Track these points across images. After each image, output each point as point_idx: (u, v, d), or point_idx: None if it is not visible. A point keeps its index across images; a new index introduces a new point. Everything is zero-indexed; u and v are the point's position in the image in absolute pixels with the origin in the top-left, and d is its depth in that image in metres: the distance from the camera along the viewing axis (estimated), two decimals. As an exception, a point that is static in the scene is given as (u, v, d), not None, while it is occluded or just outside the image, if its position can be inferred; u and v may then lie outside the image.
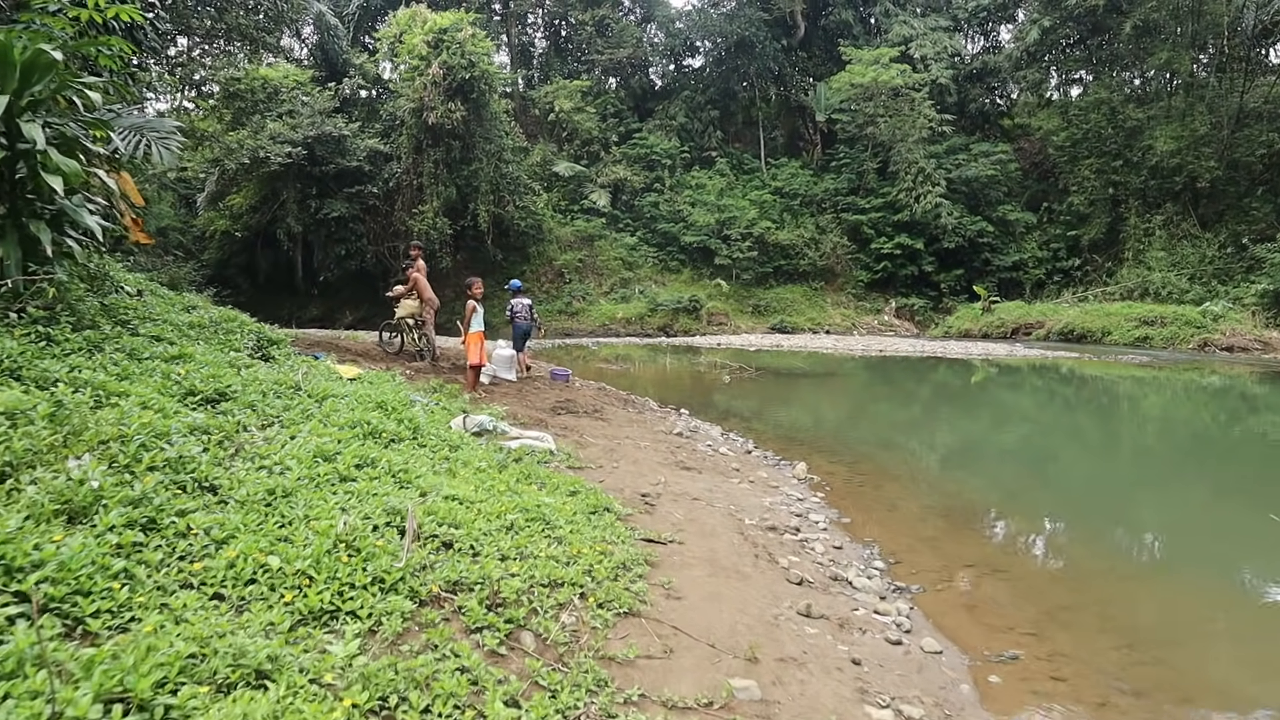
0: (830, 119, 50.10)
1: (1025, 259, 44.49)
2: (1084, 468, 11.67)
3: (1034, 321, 37.63)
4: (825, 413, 16.24)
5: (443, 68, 37.53)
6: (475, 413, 9.39)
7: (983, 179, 44.89)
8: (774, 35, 50.99)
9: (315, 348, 14.29)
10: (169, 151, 10.30)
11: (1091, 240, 43.04)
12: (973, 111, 51.05)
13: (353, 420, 6.46)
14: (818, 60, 54.25)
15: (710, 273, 45.29)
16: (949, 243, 43.65)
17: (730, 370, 22.72)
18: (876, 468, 10.58)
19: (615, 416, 11.78)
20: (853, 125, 48.13)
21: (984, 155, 45.85)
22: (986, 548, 7.58)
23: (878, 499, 8.93)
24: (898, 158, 45.00)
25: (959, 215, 43.66)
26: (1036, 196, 47.43)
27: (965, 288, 44.46)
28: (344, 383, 8.41)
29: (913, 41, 47.37)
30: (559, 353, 29.87)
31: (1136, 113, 42.66)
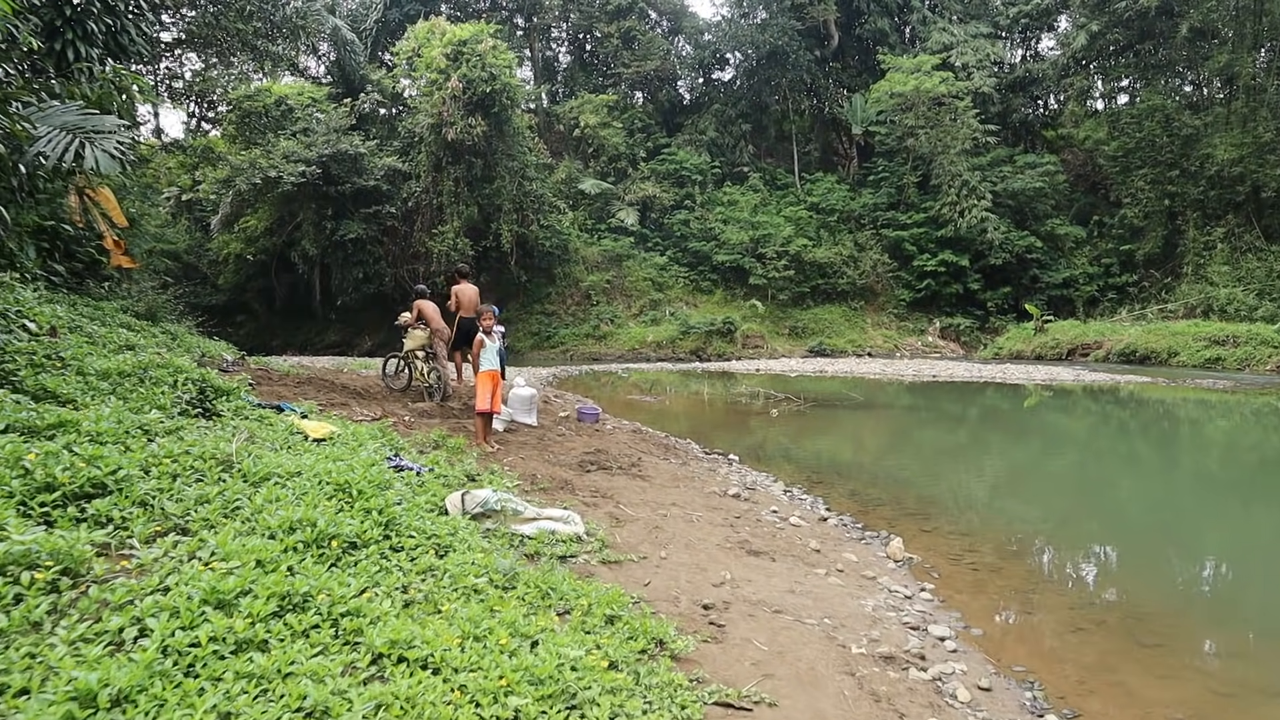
0: (867, 132, 48.13)
1: (1076, 275, 42.25)
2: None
3: (1091, 342, 35.27)
4: (896, 457, 14.02)
5: (462, 81, 35.88)
6: (480, 483, 7.39)
7: (1029, 192, 42.69)
8: (806, 46, 48.98)
9: (303, 387, 12.36)
10: (107, 154, 8.40)
11: (1147, 255, 40.75)
12: (1015, 122, 48.88)
13: (292, 520, 4.47)
14: (852, 72, 52.33)
15: (744, 293, 43.24)
16: (995, 259, 41.46)
17: (775, 401, 20.62)
18: (985, 538, 8.47)
19: (656, 471, 9.72)
20: (891, 138, 46.11)
21: (1030, 167, 43.63)
22: (1197, 689, 5.30)
23: (1005, 591, 6.82)
24: (939, 170, 42.85)
25: (1005, 230, 41.43)
26: (1085, 210, 45.17)
27: (1013, 306, 42.25)
28: (305, 449, 6.43)
29: (953, 49, 45.22)
30: (588, 380, 27.87)
31: (1193, 120, 40.47)
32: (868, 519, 8.94)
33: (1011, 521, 9.54)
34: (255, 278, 43.55)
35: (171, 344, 12.71)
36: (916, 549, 7.76)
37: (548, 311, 43.33)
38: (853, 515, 9.03)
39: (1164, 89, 43.30)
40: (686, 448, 12.68)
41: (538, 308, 43.40)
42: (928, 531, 8.55)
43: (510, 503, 6.22)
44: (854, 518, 8.90)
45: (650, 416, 18.07)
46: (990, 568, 7.41)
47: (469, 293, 14.27)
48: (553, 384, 24.95)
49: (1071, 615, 6.36)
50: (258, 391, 10.95)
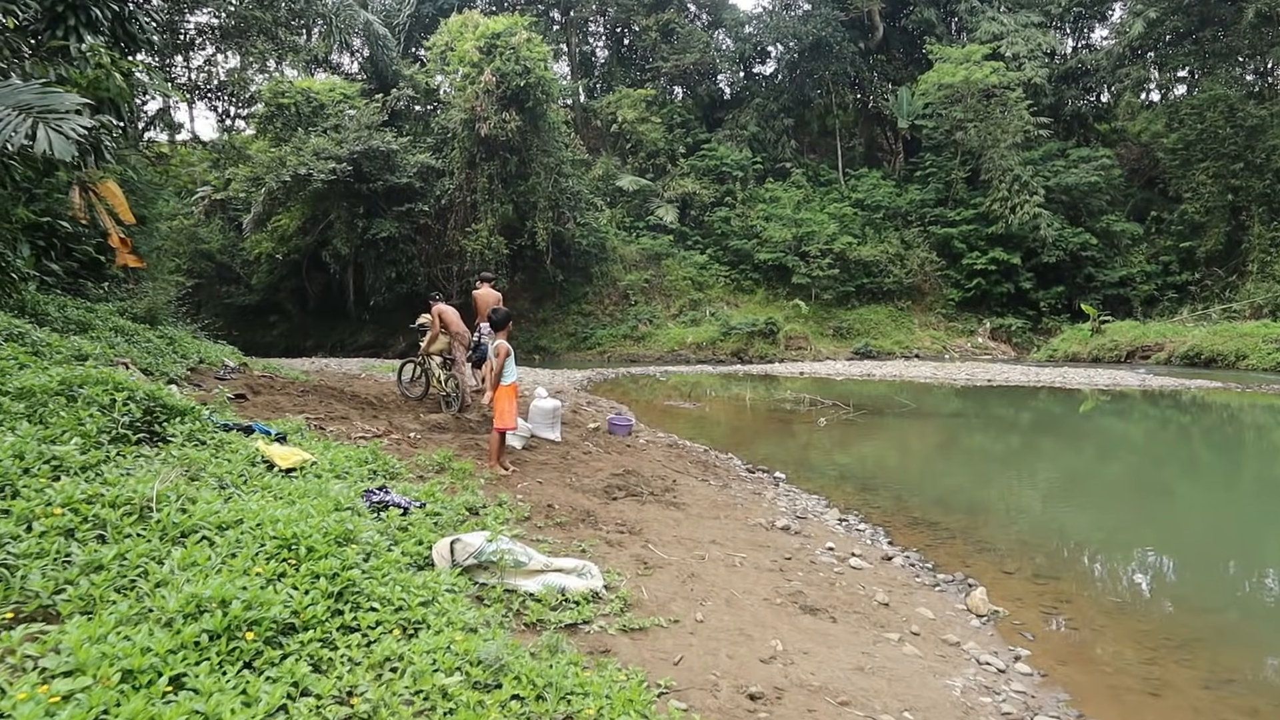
0: (913, 126, 46.52)
1: (1133, 274, 40.48)
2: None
3: (1152, 344, 33.51)
4: (960, 475, 12.62)
5: (495, 75, 34.85)
6: (483, 518, 6.24)
7: (1083, 187, 40.94)
8: (850, 38, 47.49)
9: (306, 396, 11.29)
10: (62, 137, 7.35)
11: (1208, 252, 38.92)
12: (1068, 114, 47.07)
13: (200, 599, 3.34)
14: (898, 64, 50.73)
15: (787, 292, 41.87)
16: (1048, 257, 39.81)
17: (821, 408, 19.32)
18: (1078, 581, 7.19)
19: (694, 497, 8.50)
20: (938, 131, 44.45)
21: (1084, 161, 41.86)
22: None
23: (1118, 661, 5.53)
24: (989, 165, 41.21)
25: (1059, 227, 39.74)
26: (1142, 205, 43.35)
27: (1066, 306, 40.59)
28: (263, 484, 5.30)
29: (1003, 39, 43.46)
30: (626, 383, 26.72)
31: (1258, 110, 38.49)
32: (938, 556, 7.67)
33: (1107, 560, 8.21)
34: (288, 278, 42.92)
35: (165, 349, 11.72)
36: (1001, 598, 6.49)
37: (584, 312, 42.27)
38: (920, 551, 7.76)
39: (1226, 78, 41.26)
40: (728, 464, 11.45)
41: (574, 308, 42.36)
42: (1009, 574, 7.25)
43: (511, 552, 5.04)
44: (921, 555, 7.63)
45: (688, 425, 16.88)
46: (1092, 625, 6.12)
47: (488, 298, 13.20)
48: (587, 388, 23.86)
49: (1213, 701, 5.07)
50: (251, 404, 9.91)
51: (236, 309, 43.51)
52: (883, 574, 6.70)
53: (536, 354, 39.34)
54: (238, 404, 9.64)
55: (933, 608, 6.01)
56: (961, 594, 6.51)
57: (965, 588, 6.69)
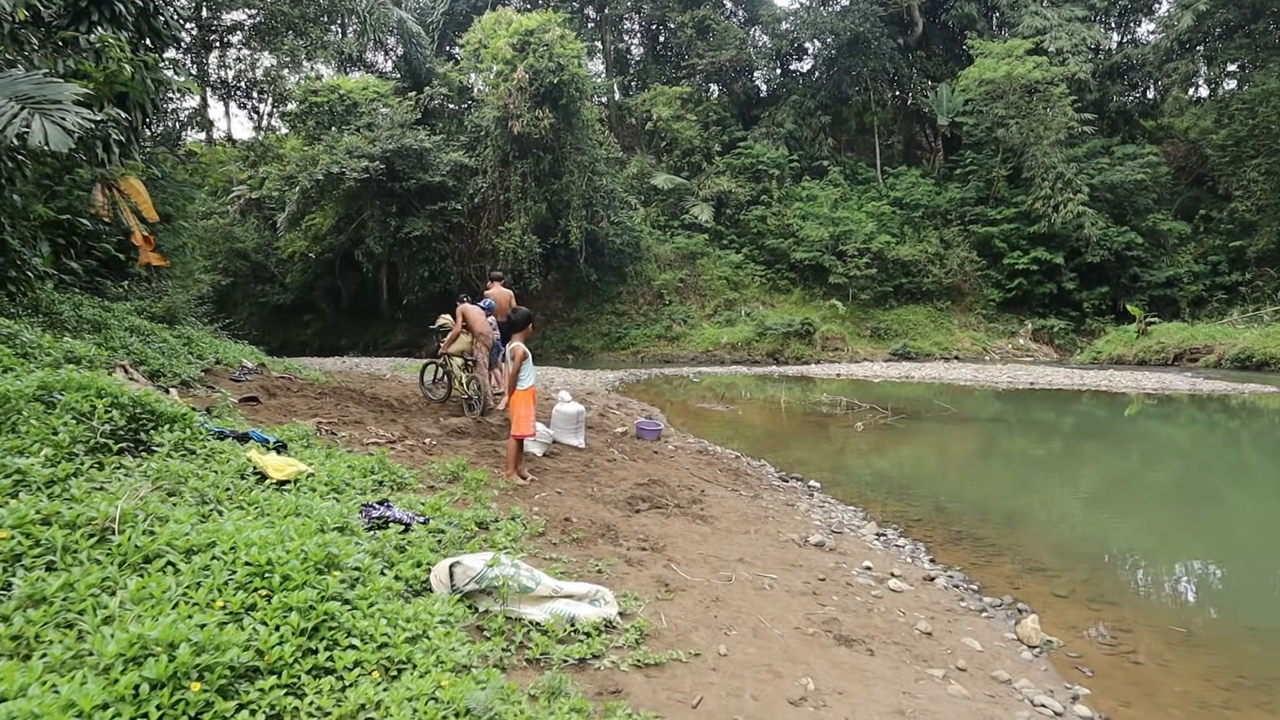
0: (953, 123, 45.59)
1: (1180, 274, 39.26)
2: None
3: (1200, 346, 32.46)
4: (1004, 485, 11.95)
5: (528, 72, 34.48)
6: (493, 534, 5.81)
7: (1129, 184, 39.80)
8: (889, 33, 46.63)
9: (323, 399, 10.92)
10: (59, 129, 7.01)
11: (1260, 251, 37.64)
12: (1112, 111, 45.89)
13: (146, 641, 2.93)
14: (937, 60, 49.72)
15: (824, 292, 41.11)
16: (1092, 257, 38.73)
17: (859, 411, 18.74)
18: (1138, 606, 6.62)
19: (722, 509, 8.01)
20: (979, 129, 43.48)
21: (1129, 158, 40.72)
22: None
23: (1188, 703, 4.98)
24: (1032, 162, 40.21)
25: (1103, 225, 38.71)
26: (1189, 204, 42.15)
27: (1111, 307, 39.52)
28: (249, 500, 4.89)
29: (1046, 34, 42.38)
30: (659, 384, 26.29)
31: (1314, 105, 37.27)
32: (983, 576, 7.12)
33: (1169, 581, 7.63)
34: (322, 277, 42.89)
35: (180, 350, 11.41)
36: (1054, 625, 5.96)
37: (618, 311, 41.84)
38: (964, 570, 7.22)
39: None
40: (760, 472, 10.93)
41: (608, 307, 41.94)
42: (1062, 597, 6.69)
43: (517, 575, 4.59)
44: (966, 574, 7.08)
45: (720, 429, 16.39)
46: (1158, 659, 5.57)
47: (501, 297, 12.85)
48: (618, 389, 23.44)
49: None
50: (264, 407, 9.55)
51: (271, 308, 43.57)
52: (924, 597, 6.17)
53: (570, 354, 39.03)
54: (249, 407, 9.29)
55: (980, 637, 5.49)
56: (1011, 621, 5.98)
57: (1015, 613, 6.15)
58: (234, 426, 6.87)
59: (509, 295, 13.25)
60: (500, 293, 13.10)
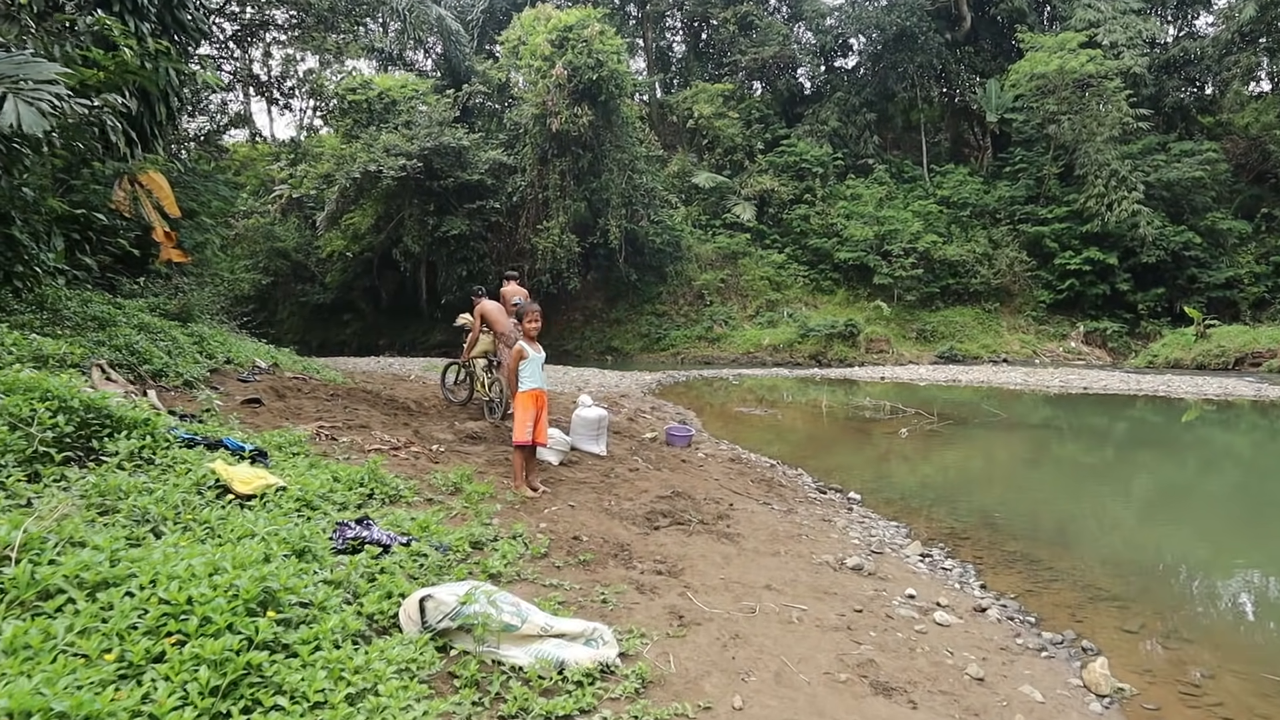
0: (1002, 120, 44.38)
1: (1240, 275, 37.78)
2: None
3: (1264, 350, 31.11)
4: (1061, 498, 11.06)
5: (567, 68, 33.99)
6: (487, 555, 5.17)
7: (1186, 182, 38.40)
8: (936, 28, 45.53)
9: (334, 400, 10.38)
10: (34, 110, 6.50)
11: (1325, 251, 36.24)
12: (1169, 106, 44.34)
13: None
14: (986, 56, 48.50)
15: (868, 293, 40.18)
16: (1148, 257, 37.41)
17: (903, 417, 17.93)
18: (1224, 645, 5.82)
19: (751, 525, 7.31)
20: (1029, 125, 42.30)
21: (1187, 155, 39.27)
22: None
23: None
24: (1084, 160, 38.99)
25: (1159, 225, 37.39)
26: (1250, 202, 40.59)
27: (1167, 309, 38.13)
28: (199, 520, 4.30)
29: (1100, 26, 41.03)
30: (698, 386, 25.64)
31: (1384, 99, 35.77)
32: (1041, 605, 6.37)
33: (1257, 615, 6.81)
34: (361, 276, 42.77)
35: (188, 349, 10.93)
36: (1125, 668, 5.20)
37: (658, 312, 41.22)
38: (1018, 598, 6.47)
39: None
40: (796, 482, 10.21)
41: (648, 308, 41.35)
42: (1132, 633, 5.92)
43: (500, 611, 3.95)
44: (1021, 604, 6.34)
45: (757, 434, 15.68)
46: (1249, 712, 4.81)
47: (514, 295, 12.33)
48: (654, 391, 22.81)
49: None
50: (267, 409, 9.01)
51: (312, 307, 43.54)
52: (975, 632, 5.44)
53: (609, 355, 38.57)
54: (250, 409, 8.77)
55: (1040, 684, 4.75)
56: (1075, 663, 5.22)
57: (1079, 653, 5.39)
58: (209, 432, 6.31)
59: (523, 293, 12.78)
60: (514, 291, 12.64)
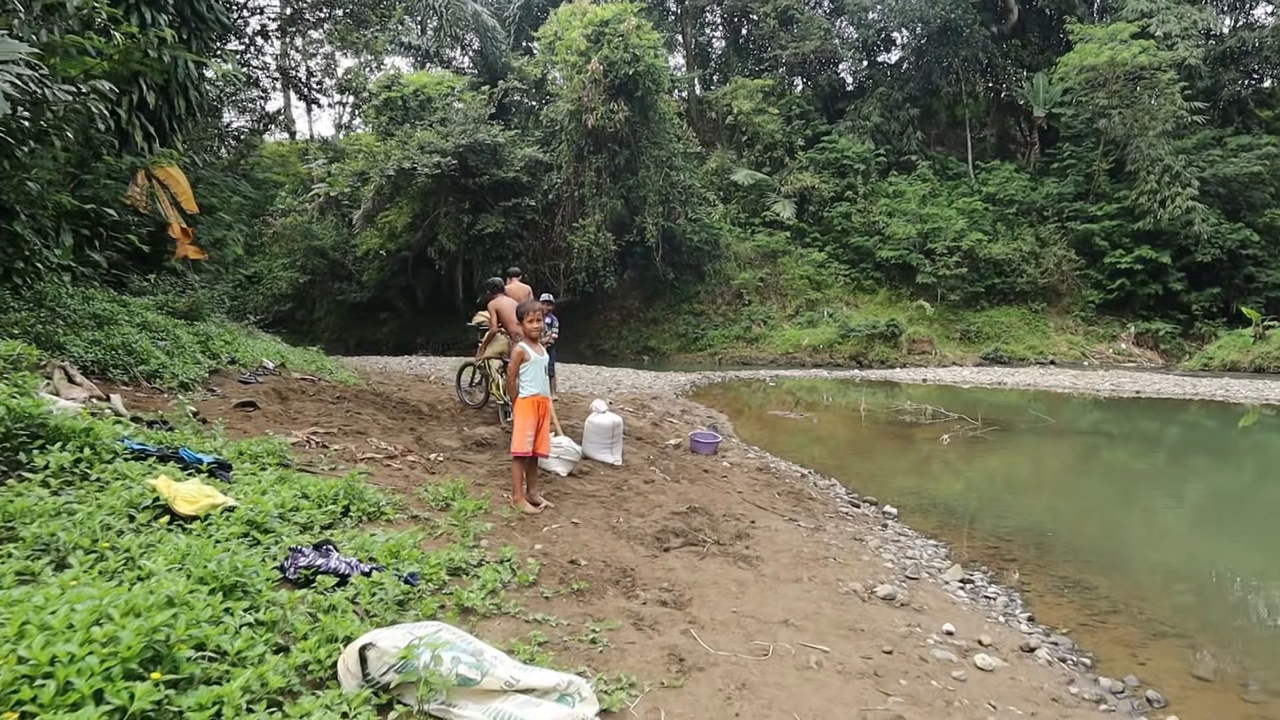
0: (1050, 115, 43.15)
1: (1302, 274, 36.44)
2: None
3: (1328, 352, 29.95)
4: (1116, 514, 10.17)
5: (603, 63, 33.41)
6: (466, 581, 4.55)
7: (1244, 178, 36.94)
8: (982, 21, 44.36)
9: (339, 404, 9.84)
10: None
11: (1390, 249, 34.76)
12: (1225, 99, 42.83)
13: None
14: (1033, 49, 47.24)
15: (911, 293, 39.16)
16: (1202, 255, 36.05)
17: (946, 422, 17.14)
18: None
19: (773, 546, 6.63)
20: (1078, 120, 41.02)
21: (1244, 150, 37.84)
22: None
23: None
24: (1136, 155, 37.70)
25: (1215, 222, 36.06)
26: (1310, 199, 39.14)
27: (1222, 309, 36.72)
28: (120, 548, 3.73)
29: (1153, 17, 39.69)
30: (736, 388, 24.99)
31: None
32: (1096, 643, 5.64)
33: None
34: (398, 275, 42.51)
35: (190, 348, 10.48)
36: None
37: (696, 311, 40.55)
38: (1072, 633, 5.76)
39: None
40: (827, 495, 9.52)
41: (685, 307, 40.69)
42: (1205, 681, 5.15)
43: (456, 662, 3.34)
44: (1074, 641, 5.61)
45: (790, 439, 14.99)
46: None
47: (519, 294, 11.84)
48: (688, 393, 22.18)
49: None
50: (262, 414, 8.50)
51: (349, 306, 43.41)
52: (1022, 679, 4.72)
53: (645, 355, 38.01)
54: (243, 413, 8.26)
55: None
56: (1140, 717, 4.52)
57: (1144, 705, 4.66)
58: (176, 441, 5.76)
59: (527, 290, 12.37)
60: (519, 289, 12.21)
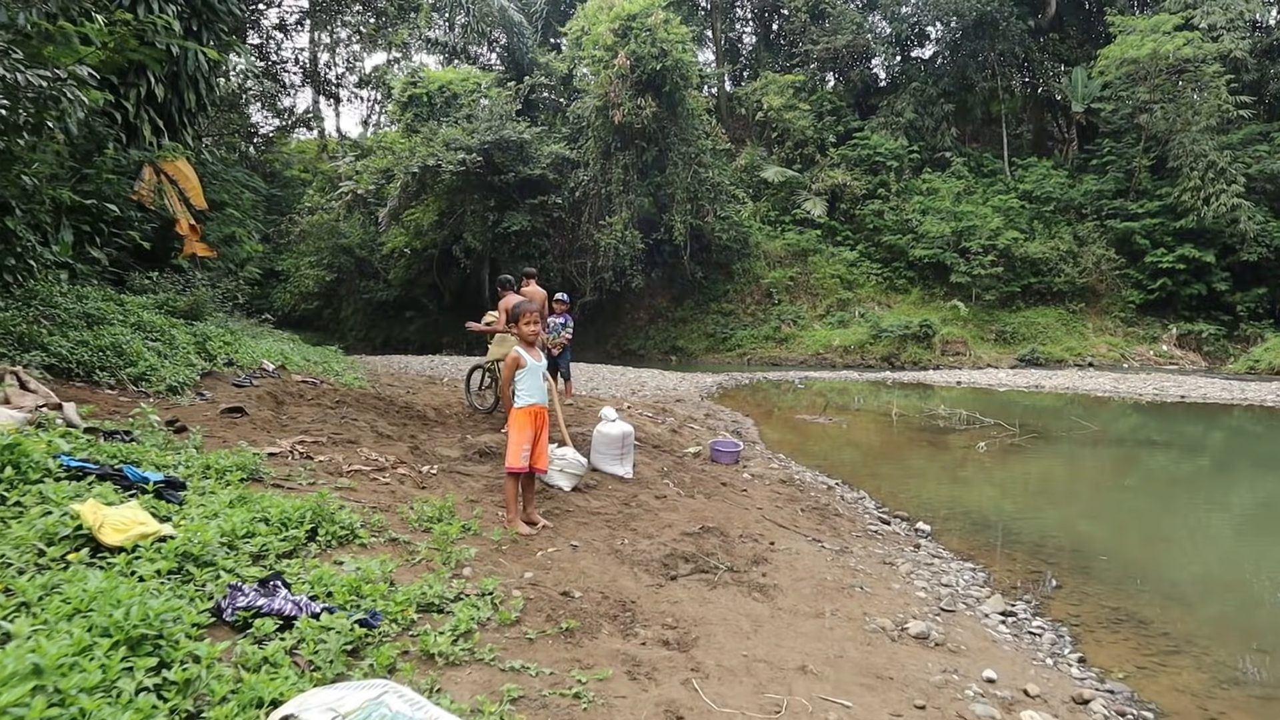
0: (1089, 110, 42.02)
1: (1352, 274, 35.24)
2: None
3: (1381, 354, 28.87)
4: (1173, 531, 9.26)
5: (630, 58, 32.83)
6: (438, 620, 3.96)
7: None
8: (1019, 15, 43.31)
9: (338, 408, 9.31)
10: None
11: None
12: (1272, 93, 41.58)
13: None
14: (1071, 44, 46.13)
15: (944, 293, 38.29)
16: (1249, 254, 34.93)
17: (982, 428, 16.41)
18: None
19: (793, 573, 5.98)
20: (1118, 115, 39.81)
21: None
22: None
23: None
24: (1179, 151, 36.59)
25: (1262, 220, 34.93)
26: (1361, 197, 37.87)
27: (1269, 310, 35.56)
28: (16, 589, 3.18)
29: (1197, 8, 38.49)
30: (764, 389, 24.34)
31: None
32: (1160, 692, 4.95)
33: None
34: (425, 273, 42.16)
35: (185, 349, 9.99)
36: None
37: (724, 311, 39.90)
38: (1129, 678, 5.09)
39: None
40: (855, 510, 8.86)
41: (713, 306, 40.06)
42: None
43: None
44: (1133, 689, 4.94)
45: (818, 445, 14.34)
46: None
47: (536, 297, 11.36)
48: (714, 395, 21.58)
49: None
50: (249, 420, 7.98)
51: (376, 304, 43.19)
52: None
53: (673, 355, 37.47)
54: (229, 420, 7.76)
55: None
56: (1219, 790, 3.88)
57: (1223, 775, 4.05)
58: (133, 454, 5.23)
59: (542, 295, 11.93)
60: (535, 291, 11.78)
